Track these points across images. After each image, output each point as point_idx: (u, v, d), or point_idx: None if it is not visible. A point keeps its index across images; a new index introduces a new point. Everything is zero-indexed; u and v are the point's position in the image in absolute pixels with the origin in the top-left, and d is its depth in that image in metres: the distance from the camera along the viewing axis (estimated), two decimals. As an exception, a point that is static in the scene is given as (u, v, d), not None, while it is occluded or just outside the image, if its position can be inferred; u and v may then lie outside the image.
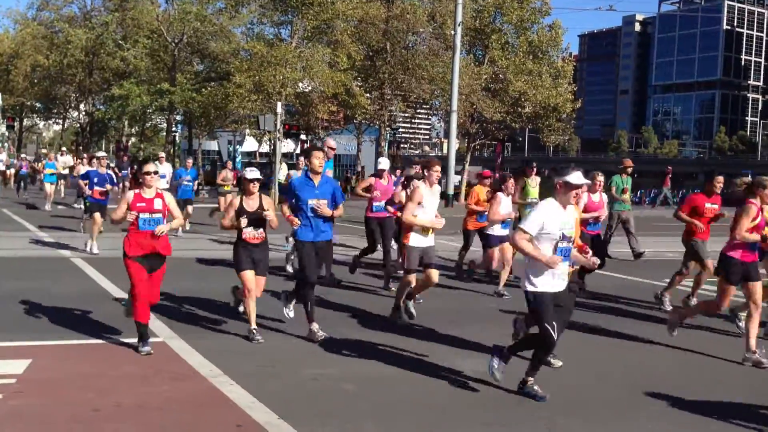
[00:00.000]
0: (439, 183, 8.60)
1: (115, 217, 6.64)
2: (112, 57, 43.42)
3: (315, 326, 7.20)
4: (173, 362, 6.24)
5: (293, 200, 7.33)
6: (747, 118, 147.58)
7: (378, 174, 11.23)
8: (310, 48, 36.26)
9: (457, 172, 37.42)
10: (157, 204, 6.61)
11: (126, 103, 40.12)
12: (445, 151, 48.75)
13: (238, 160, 46.04)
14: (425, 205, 7.68)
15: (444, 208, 30.75)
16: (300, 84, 37.39)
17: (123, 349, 6.68)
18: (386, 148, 38.66)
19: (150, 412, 4.98)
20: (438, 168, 7.97)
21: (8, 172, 33.84)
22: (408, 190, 8.60)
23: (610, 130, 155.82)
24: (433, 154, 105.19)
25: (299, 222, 7.23)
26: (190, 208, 16.45)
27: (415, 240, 7.73)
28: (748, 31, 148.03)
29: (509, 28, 40.50)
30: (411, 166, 16.08)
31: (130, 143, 52.51)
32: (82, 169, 23.82)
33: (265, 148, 45.86)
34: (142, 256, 6.53)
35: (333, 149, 11.34)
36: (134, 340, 6.95)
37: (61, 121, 58.02)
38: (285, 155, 38.39)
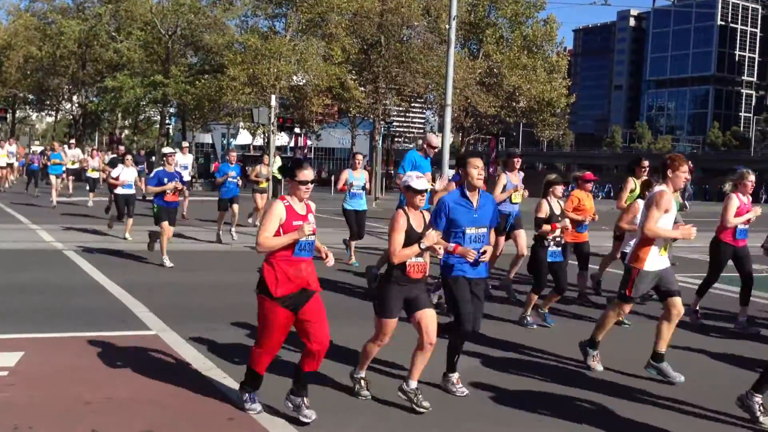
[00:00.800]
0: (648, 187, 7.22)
1: (273, 243, 4.80)
2: (105, 49, 43.23)
3: (455, 377, 5.65)
4: (165, 355, 6.24)
5: (445, 226, 5.61)
6: (740, 113, 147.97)
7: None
8: (305, 41, 36.18)
9: (451, 167, 37.41)
10: (312, 220, 5.00)
11: (119, 95, 39.97)
12: (439, 145, 48.73)
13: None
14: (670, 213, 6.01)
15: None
16: (294, 77, 37.32)
17: (115, 342, 6.67)
18: (380, 142, 38.61)
19: (142, 405, 4.98)
20: (685, 168, 6.13)
21: (17, 166, 31.13)
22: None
23: (604, 125, 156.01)
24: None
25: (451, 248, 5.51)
26: (236, 208, 14.48)
27: (652, 262, 6.04)
28: (742, 27, 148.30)
29: (504, 22, 40.50)
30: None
31: (123, 135, 52.33)
32: (92, 161, 23.05)
33: (259, 141, 45.76)
34: (290, 295, 4.84)
35: (435, 148, 10.05)
36: (126, 333, 6.94)
37: (53, 113, 57.75)
38: (279, 148, 38.33)
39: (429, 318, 5.18)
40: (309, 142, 47.80)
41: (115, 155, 18.93)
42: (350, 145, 44.92)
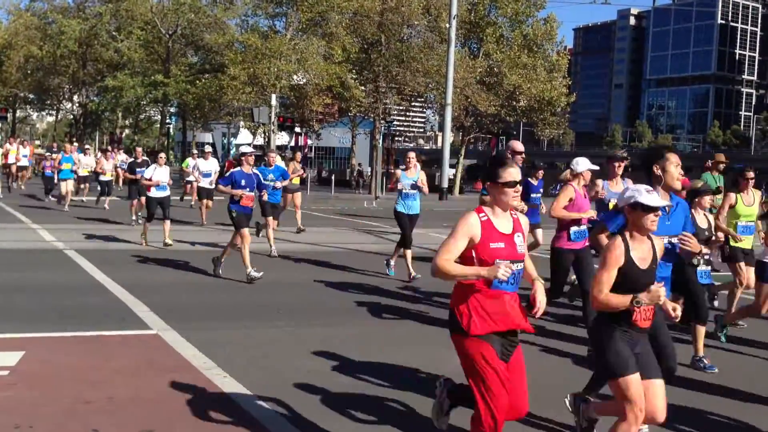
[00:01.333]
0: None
1: (453, 272, 3.66)
2: (105, 48, 43.30)
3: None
4: (166, 354, 6.24)
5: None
6: (741, 112, 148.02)
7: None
8: (305, 40, 36.20)
9: (451, 166, 37.47)
10: (519, 242, 3.80)
11: (120, 95, 40.03)
12: (439, 144, 48.78)
13: (232, 152, 45.99)
14: None
15: (437, 201, 30.84)
16: (294, 76, 37.36)
17: (116, 341, 6.68)
18: (381, 141, 38.64)
19: (143, 405, 4.98)
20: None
21: (22, 171, 27.77)
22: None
23: (604, 123, 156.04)
24: (428, 148, 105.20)
25: None
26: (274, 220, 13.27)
27: None
28: (742, 26, 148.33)
29: (504, 21, 40.52)
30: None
31: (123, 135, 52.36)
32: (106, 164, 21.81)
33: (259, 140, 45.79)
34: (495, 335, 3.71)
35: (520, 154, 9.08)
36: (127, 332, 6.95)
37: (54, 113, 57.80)
38: (279, 147, 38.35)
39: (658, 391, 3.85)
40: (309, 142, 47.83)
41: (133, 159, 17.60)
42: (350, 144, 44.95)
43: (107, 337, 6.78)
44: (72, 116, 52.70)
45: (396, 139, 67.39)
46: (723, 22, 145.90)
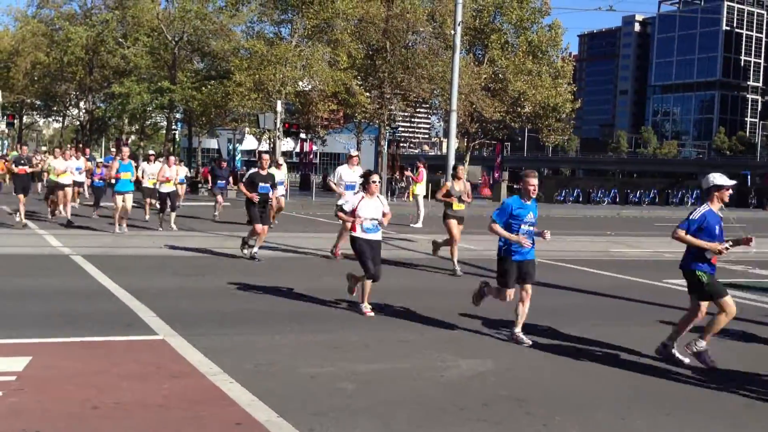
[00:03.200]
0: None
1: None
2: (112, 55, 43.48)
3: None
4: (173, 360, 6.26)
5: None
6: (746, 118, 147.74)
7: None
8: (310, 47, 36.30)
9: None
10: None
11: (126, 101, 40.18)
12: (444, 150, 48.78)
13: (238, 158, 46.09)
14: None
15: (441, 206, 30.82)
16: (300, 83, 37.45)
17: (123, 346, 6.70)
18: (386, 147, 38.69)
19: (149, 410, 5.00)
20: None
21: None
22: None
23: (609, 130, 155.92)
24: (432, 154, 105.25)
25: None
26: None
27: None
28: (747, 32, 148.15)
29: (509, 27, 40.59)
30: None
31: (129, 141, 52.54)
32: (168, 171, 18.06)
33: (264, 146, 45.89)
34: None
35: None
36: (133, 337, 6.97)
37: (61, 119, 58.04)
38: (284, 154, 38.42)
39: None
40: (314, 148, 47.89)
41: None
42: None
43: (114, 343, 6.80)
44: (78, 122, 52.92)
45: (401, 145, 67.47)
46: (728, 28, 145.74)
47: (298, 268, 11.96)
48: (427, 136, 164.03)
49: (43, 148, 71.32)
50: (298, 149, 51.11)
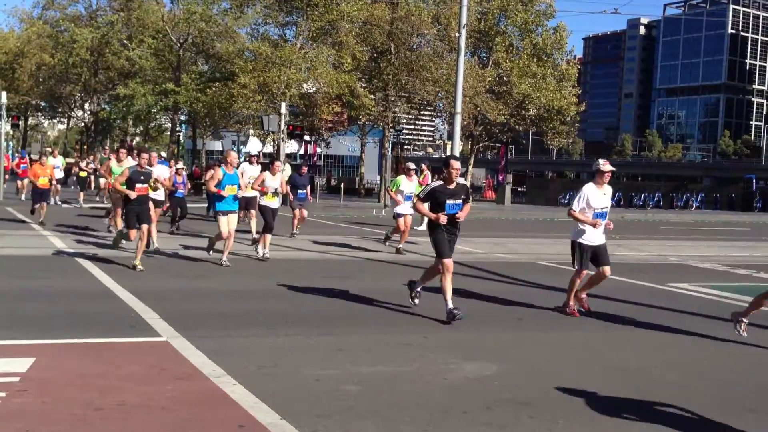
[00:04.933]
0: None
1: None
2: (117, 57, 43.60)
3: None
4: (176, 362, 6.25)
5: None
6: (751, 122, 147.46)
7: None
8: (315, 49, 36.35)
9: (461, 174, 37.44)
10: None
11: (131, 103, 40.26)
12: (448, 152, 48.76)
13: (241, 159, 46.13)
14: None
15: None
16: (304, 85, 37.51)
17: (126, 348, 6.70)
18: (390, 150, 38.70)
19: (152, 412, 4.99)
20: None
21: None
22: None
23: (614, 133, 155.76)
24: (437, 156, 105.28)
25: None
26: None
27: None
28: (753, 36, 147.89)
29: (514, 30, 40.61)
30: None
31: (134, 143, 52.66)
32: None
33: (268, 148, 45.96)
34: None
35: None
36: (137, 339, 6.98)
37: (65, 120, 58.19)
38: (288, 156, 38.46)
39: None
40: (318, 150, 47.96)
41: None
42: (359, 153, 45.03)
43: (117, 344, 6.80)
44: (83, 124, 53.04)
45: (405, 147, 67.50)
46: (734, 31, 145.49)
47: (301, 270, 11.95)
48: (431, 138, 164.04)
49: (48, 149, 71.43)
50: (302, 151, 51.17)
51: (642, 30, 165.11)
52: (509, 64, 38.67)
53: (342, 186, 39.86)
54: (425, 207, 8.44)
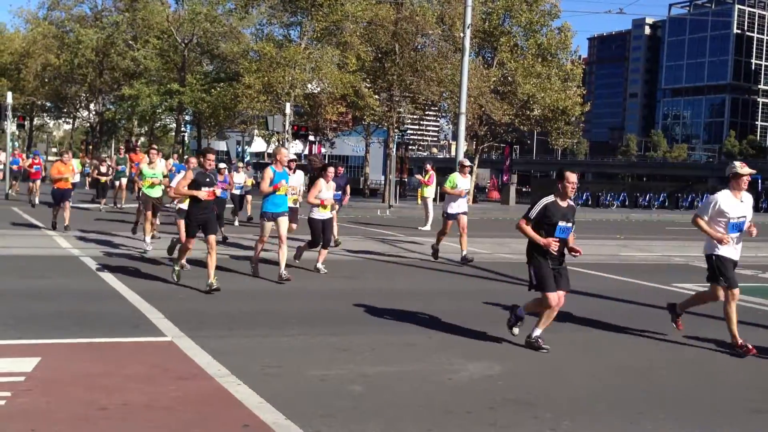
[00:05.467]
0: None
1: None
2: (122, 57, 43.68)
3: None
4: (181, 362, 6.27)
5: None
6: (757, 122, 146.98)
7: None
8: (319, 49, 36.36)
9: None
10: None
11: (136, 103, 40.34)
12: (453, 153, 48.75)
13: (246, 160, 46.19)
14: None
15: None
16: (309, 85, 37.52)
17: (131, 348, 6.72)
18: (394, 150, 38.72)
19: (157, 412, 5.01)
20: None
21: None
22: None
23: (619, 133, 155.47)
24: (441, 156, 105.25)
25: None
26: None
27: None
28: (758, 35, 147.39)
29: (518, 30, 40.55)
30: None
31: (139, 143, 52.78)
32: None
33: (273, 148, 46.00)
34: None
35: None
36: (142, 339, 7.00)
37: (71, 121, 58.32)
38: (297, 155, 38.47)
39: None
40: (323, 150, 47.97)
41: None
42: (364, 153, 45.04)
43: (122, 344, 6.82)
44: (88, 124, 53.15)
45: (410, 147, 67.50)
46: (739, 31, 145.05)
47: (306, 271, 11.96)
48: (435, 138, 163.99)
49: (54, 150, 71.65)
50: (306, 151, 51.20)
51: (647, 30, 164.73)
52: (514, 64, 38.63)
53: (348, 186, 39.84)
54: (530, 229, 7.05)
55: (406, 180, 39.45)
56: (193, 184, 9.65)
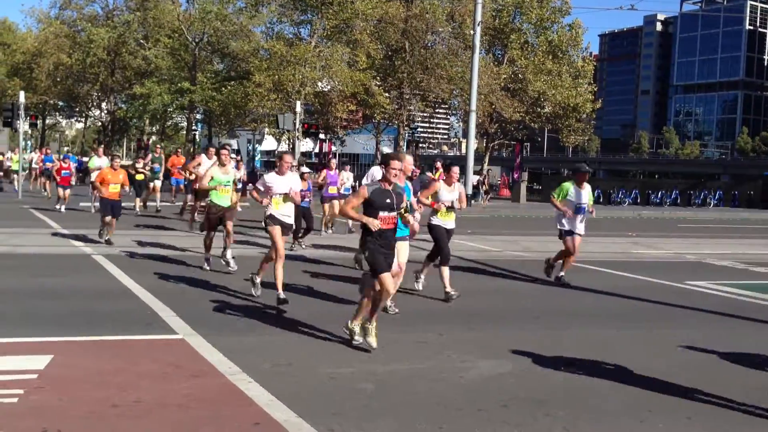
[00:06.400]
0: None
1: None
2: (133, 56, 43.85)
3: None
4: (192, 359, 6.28)
5: None
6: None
7: None
8: (330, 47, 36.38)
9: (475, 172, 37.39)
10: None
11: (147, 102, 40.48)
12: (463, 151, 48.68)
13: (257, 158, 46.28)
14: None
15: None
16: (319, 83, 37.54)
17: (143, 345, 6.74)
18: (405, 148, 38.69)
19: (169, 409, 5.02)
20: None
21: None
22: None
23: (630, 130, 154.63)
24: (452, 154, 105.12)
25: None
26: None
27: None
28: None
29: (529, 27, 40.43)
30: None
31: (150, 141, 52.97)
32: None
33: (284, 147, 46.06)
34: None
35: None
36: (153, 336, 7.02)
37: (83, 120, 58.58)
38: (303, 154, 38.50)
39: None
40: (333, 148, 47.98)
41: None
42: (374, 151, 45.04)
43: (134, 342, 6.84)
44: (100, 123, 53.38)
45: (420, 145, 67.44)
46: (751, 27, 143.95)
47: (318, 269, 11.96)
48: (446, 136, 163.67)
49: (66, 149, 71.99)
50: (317, 150, 51.22)
51: (659, 26, 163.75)
52: (524, 61, 38.51)
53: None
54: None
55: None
56: (368, 206, 6.79)
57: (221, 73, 42.32)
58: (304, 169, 13.82)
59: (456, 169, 9.70)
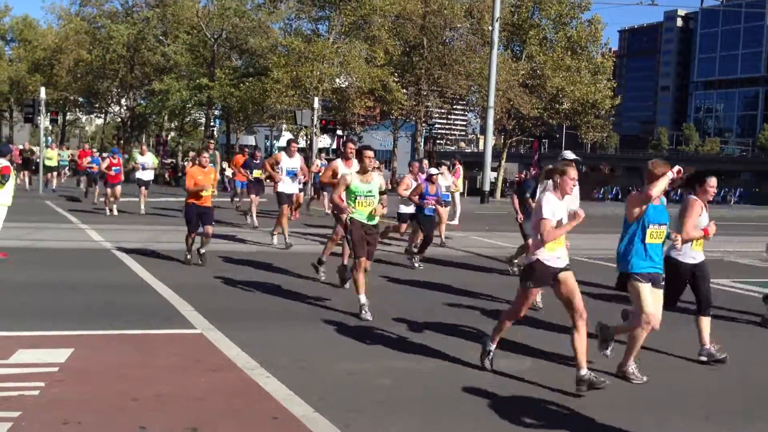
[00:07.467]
0: None
1: None
2: (152, 52, 44.05)
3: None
4: (211, 354, 6.32)
5: None
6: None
7: None
8: (347, 43, 36.37)
9: (493, 169, 37.26)
10: None
11: (166, 98, 40.65)
12: (481, 147, 48.55)
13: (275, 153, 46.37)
14: None
15: (479, 204, 30.66)
16: (337, 79, 37.54)
17: (162, 339, 6.78)
18: (422, 144, 38.63)
19: (187, 403, 5.05)
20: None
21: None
22: None
23: (650, 127, 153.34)
24: (469, 151, 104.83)
25: None
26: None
27: None
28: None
29: (547, 23, 40.15)
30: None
31: (169, 137, 53.26)
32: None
33: (301, 143, 46.14)
34: None
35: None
36: (172, 331, 7.06)
37: (102, 116, 58.99)
38: (321, 150, 38.60)
39: None
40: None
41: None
42: (392, 147, 45.01)
43: (153, 336, 6.90)
44: (120, 119, 53.75)
45: (438, 142, 67.29)
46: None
47: (331, 264, 11.97)
48: (463, 133, 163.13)
49: (87, 145, 72.42)
50: (334, 146, 51.25)
51: (679, 22, 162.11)
52: (543, 57, 38.28)
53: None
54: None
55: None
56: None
57: (239, 70, 42.41)
58: (432, 170, 12.29)
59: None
